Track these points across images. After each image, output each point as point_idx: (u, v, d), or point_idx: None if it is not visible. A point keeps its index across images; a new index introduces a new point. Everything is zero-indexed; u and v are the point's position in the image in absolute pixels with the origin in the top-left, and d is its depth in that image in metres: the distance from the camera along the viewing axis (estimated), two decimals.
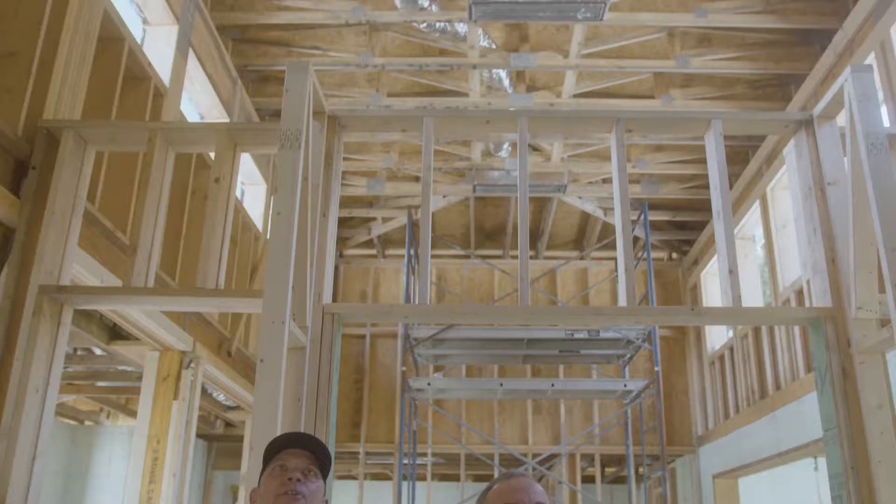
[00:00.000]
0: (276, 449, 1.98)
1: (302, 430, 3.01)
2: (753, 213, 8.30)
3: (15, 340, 3.49)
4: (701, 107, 7.26)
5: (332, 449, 3.09)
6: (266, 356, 2.78)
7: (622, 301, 3.46)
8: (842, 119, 3.77)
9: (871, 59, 5.53)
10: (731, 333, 9.28)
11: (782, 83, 7.24)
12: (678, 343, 10.46)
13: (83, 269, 4.18)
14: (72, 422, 9.71)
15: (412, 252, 8.27)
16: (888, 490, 3.20)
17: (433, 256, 10.71)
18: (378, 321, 5.41)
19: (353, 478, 12.15)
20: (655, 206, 9.36)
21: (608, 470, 11.66)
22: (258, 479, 2.00)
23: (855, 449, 3.32)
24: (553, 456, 9.94)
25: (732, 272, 3.44)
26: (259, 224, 7.68)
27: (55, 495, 9.15)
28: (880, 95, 5.22)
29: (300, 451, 1.97)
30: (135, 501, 5.65)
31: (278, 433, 2.75)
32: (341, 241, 10.20)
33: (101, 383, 7.89)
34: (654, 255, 10.52)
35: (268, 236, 3.57)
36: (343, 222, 9.85)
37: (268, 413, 2.75)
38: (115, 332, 5.89)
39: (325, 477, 2.00)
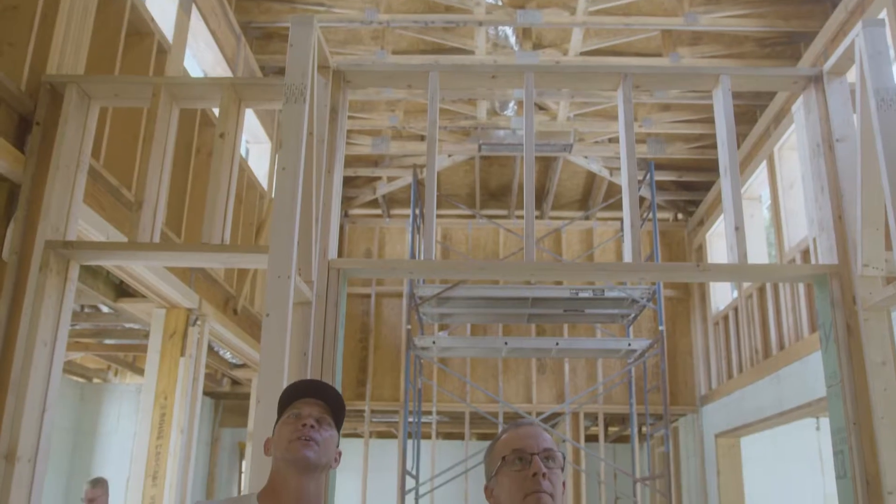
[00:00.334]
0: (291, 398, 2.00)
1: None
2: (760, 174, 8.25)
3: (22, 295, 3.51)
4: (709, 65, 7.19)
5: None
6: (272, 310, 2.79)
7: (627, 259, 3.46)
8: (852, 75, 3.74)
9: (883, 14, 5.45)
10: (735, 294, 9.29)
11: (792, 41, 7.15)
12: (682, 303, 10.48)
13: (88, 226, 4.19)
14: (80, 379, 9.79)
15: (417, 211, 8.26)
16: (890, 445, 3.22)
17: (438, 216, 10.71)
18: (383, 277, 5.41)
19: (359, 436, 12.28)
20: (662, 166, 9.31)
21: (611, 429, 11.77)
22: (273, 429, 2.02)
23: (858, 405, 3.34)
24: (557, 415, 10.02)
25: (738, 229, 3.43)
26: (264, 183, 7.67)
27: (65, 451, 9.27)
28: (892, 52, 5.15)
29: (314, 401, 1.99)
30: (143, 457, 5.73)
31: (284, 387, 2.77)
32: (346, 201, 10.19)
33: (108, 341, 7.95)
34: (659, 215, 10.50)
35: (273, 195, 3.56)
36: (348, 182, 9.83)
37: (274, 367, 2.77)
38: (122, 290, 5.92)
39: (338, 427, 2.02)
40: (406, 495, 7.70)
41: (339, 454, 2.05)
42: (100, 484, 6.46)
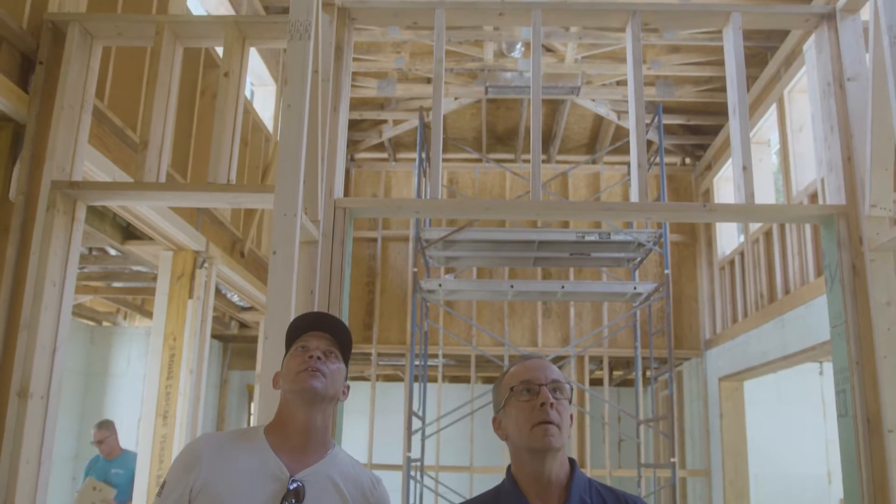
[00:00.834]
0: (299, 331, 2.01)
1: None
2: (770, 117, 8.17)
3: (30, 235, 3.53)
4: (720, 2, 7.05)
5: None
6: (279, 248, 2.80)
7: (634, 199, 3.45)
8: (865, 13, 3.67)
9: None
10: (741, 239, 9.28)
11: None
12: (689, 248, 10.47)
13: (94, 167, 4.19)
14: (90, 322, 9.90)
15: (423, 155, 8.22)
16: (892, 384, 3.25)
17: (445, 160, 10.66)
18: (389, 216, 5.40)
19: (366, 379, 12.43)
20: (670, 109, 9.22)
21: (616, 373, 11.88)
22: (281, 363, 2.04)
23: (861, 344, 3.36)
24: (561, 358, 10.10)
25: (746, 169, 3.41)
26: (270, 126, 7.63)
27: (76, 393, 9.42)
28: None
29: (321, 334, 2.00)
30: (154, 397, 5.81)
31: None
32: (352, 145, 10.14)
33: (116, 284, 8.00)
34: (667, 160, 10.44)
35: (278, 136, 3.55)
36: (354, 125, 9.77)
37: (281, 304, 2.79)
38: (129, 232, 5.95)
39: (346, 360, 2.03)
40: (412, 436, 7.81)
41: (348, 388, 2.06)
42: (106, 425, 6.59)
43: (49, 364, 3.50)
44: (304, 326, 2.02)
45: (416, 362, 8.46)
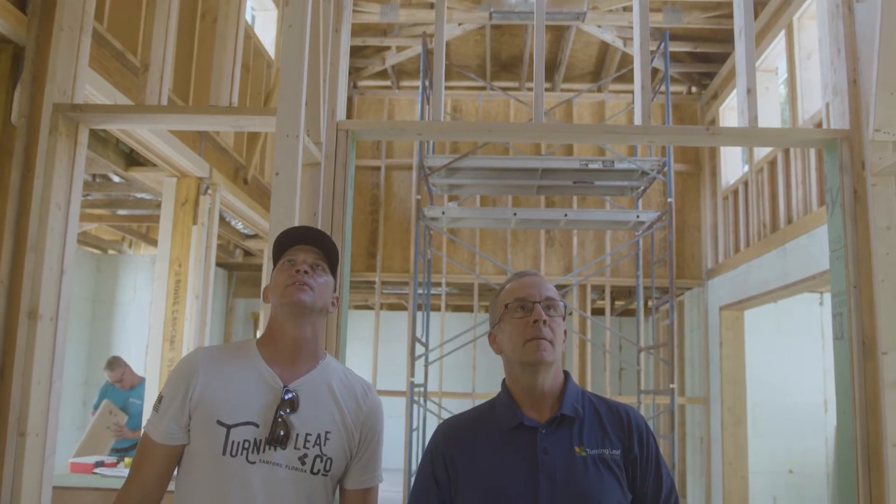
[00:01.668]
0: (285, 246, 2.03)
1: None
2: (778, 44, 8.05)
3: (34, 159, 3.54)
4: None
5: (346, 272, 3.17)
6: (281, 169, 2.81)
7: (638, 123, 3.44)
8: None
9: None
10: (746, 168, 9.24)
11: None
12: (692, 178, 10.44)
13: (95, 91, 4.17)
14: (95, 251, 9.96)
15: (427, 83, 8.14)
16: (888, 307, 3.29)
17: (448, 88, 10.55)
18: (392, 139, 5.36)
19: (370, 308, 12.56)
20: (677, 36, 9.07)
21: (618, 303, 11.97)
22: (271, 277, 2.07)
23: (860, 268, 3.38)
24: (564, 286, 10.18)
25: (751, 92, 3.39)
26: (271, 52, 7.55)
27: (84, 320, 9.54)
28: None
29: (308, 247, 2.02)
30: (160, 323, 5.90)
31: None
32: (355, 72, 10.03)
33: (121, 211, 8.03)
34: (672, 88, 10.32)
35: (280, 60, 3.52)
36: (356, 52, 9.64)
37: (284, 226, 2.81)
38: (132, 159, 5.95)
39: (334, 273, 2.05)
40: (416, 361, 7.93)
41: (337, 299, 2.08)
42: (116, 363, 6.69)
43: (57, 286, 3.54)
44: (291, 241, 2.03)
45: (420, 291, 8.53)
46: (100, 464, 5.10)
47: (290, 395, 1.88)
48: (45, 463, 3.42)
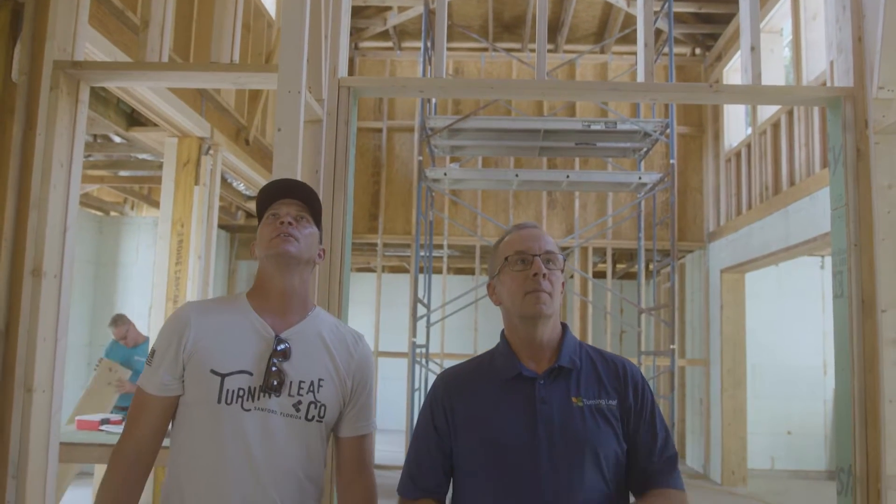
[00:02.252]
0: (268, 200, 2.04)
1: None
2: (783, 5, 7.98)
3: (35, 116, 3.53)
4: None
5: (349, 232, 3.18)
6: (283, 125, 2.81)
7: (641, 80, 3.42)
8: None
9: None
10: (749, 130, 9.21)
11: None
12: (695, 140, 10.40)
13: (95, 49, 4.15)
14: (98, 213, 9.96)
15: (428, 43, 8.08)
16: (888, 265, 3.30)
17: (450, 49, 10.47)
18: (393, 96, 5.31)
19: (371, 270, 12.60)
20: None
21: (619, 266, 11.99)
22: (257, 232, 2.07)
23: (860, 227, 3.39)
24: (565, 248, 10.19)
25: (754, 49, 3.36)
26: (272, 11, 7.48)
27: (87, 282, 9.57)
28: None
29: (290, 200, 2.02)
30: (164, 283, 5.93)
31: None
32: (356, 32, 9.95)
33: (122, 173, 8.03)
34: (676, 50, 10.24)
35: (281, 18, 3.49)
36: (358, 12, 9.56)
37: None
38: (133, 119, 5.93)
39: (318, 224, 2.06)
40: (417, 322, 7.97)
41: (323, 251, 2.10)
42: (120, 320, 6.73)
43: (60, 244, 3.56)
44: (273, 195, 2.04)
45: (422, 253, 8.54)
46: (105, 421, 5.16)
47: (282, 346, 1.91)
48: (52, 418, 3.46)
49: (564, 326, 1.97)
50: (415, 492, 1.94)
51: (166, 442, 1.94)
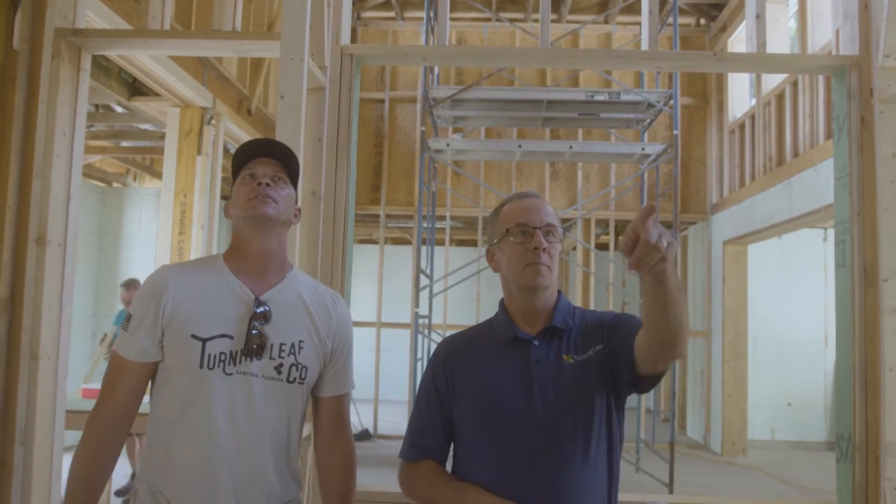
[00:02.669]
0: (244, 160, 1.99)
1: (323, 170, 3.09)
2: None
3: (37, 85, 3.52)
4: None
5: (352, 204, 3.17)
6: (286, 92, 2.80)
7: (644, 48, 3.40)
8: None
9: None
10: (753, 101, 9.16)
11: None
12: (699, 112, 10.36)
13: (96, 17, 4.13)
14: (100, 184, 9.96)
15: (431, 13, 8.02)
16: (891, 235, 3.30)
17: (452, 19, 10.39)
18: (396, 63, 5.28)
19: (374, 242, 12.61)
20: None
21: (622, 238, 12.00)
22: (232, 191, 2.03)
23: (864, 196, 3.39)
24: (568, 220, 10.19)
25: (759, 17, 3.34)
26: None
27: (91, 253, 9.59)
28: None
29: (268, 160, 1.97)
30: (167, 252, 5.95)
31: (301, 172, 2.82)
32: (359, 2, 9.88)
33: (124, 143, 8.02)
34: (681, 20, 10.16)
35: None
36: None
37: None
38: (135, 89, 5.92)
39: (294, 185, 2.03)
40: (420, 292, 7.99)
41: (299, 210, 2.07)
42: (132, 284, 6.77)
43: (64, 212, 3.56)
44: (249, 154, 1.99)
45: (424, 224, 8.54)
46: None
47: (262, 309, 1.89)
48: (59, 385, 3.49)
49: (559, 293, 2.00)
50: (416, 453, 1.99)
51: (144, 409, 1.93)
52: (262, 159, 1.97)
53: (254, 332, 1.86)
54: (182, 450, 1.83)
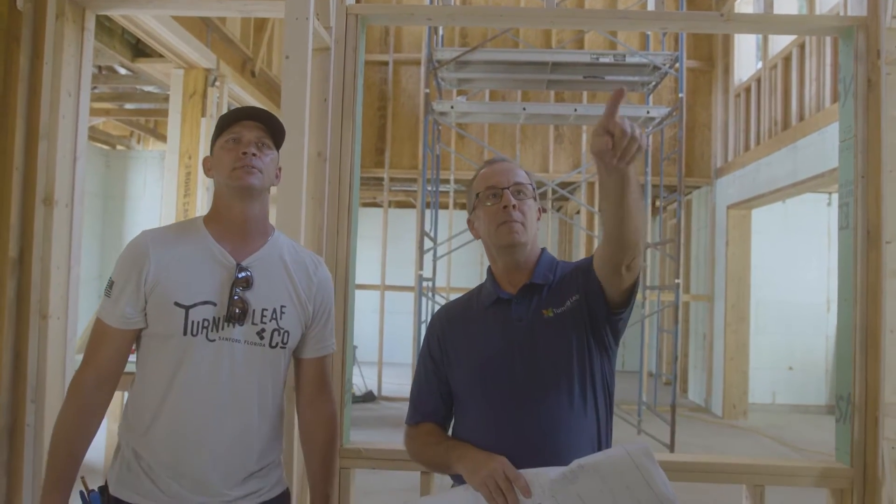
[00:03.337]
0: (228, 122, 1.98)
1: (328, 131, 3.09)
2: None
3: (42, 45, 3.51)
4: None
5: (357, 164, 3.17)
6: (291, 52, 2.80)
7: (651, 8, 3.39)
8: None
9: None
10: (760, 65, 9.10)
11: None
12: (705, 76, 10.29)
13: None
14: (104, 146, 9.96)
15: None
16: (894, 197, 3.30)
17: None
18: (401, 24, 5.23)
19: (378, 205, 12.62)
20: None
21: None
22: (210, 149, 2.04)
23: (868, 158, 3.38)
24: (571, 183, 10.18)
25: None
26: None
27: (96, 216, 9.62)
28: None
29: (253, 124, 1.96)
30: (172, 214, 5.97)
31: (306, 133, 2.83)
32: None
33: (128, 105, 8.01)
34: None
35: None
36: None
37: (295, 112, 2.81)
38: (139, 50, 5.90)
39: (278, 147, 2.03)
40: (424, 255, 8.02)
41: (280, 170, 2.07)
42: None
43: (71, 173, 3.58)
44: (233, 118, 1.98)
45: (428, 188, 8.55)
46: None
47: (243, 274, 1.90)
48: (68, 345, 3.53)
49: (543, 249, 2.06)
50: (416, 417, 2.08)
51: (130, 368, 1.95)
52: (246, 122, 1.96)
53: (235, 297, 1.88)
54: (165, 416, 1.85)
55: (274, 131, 2.01)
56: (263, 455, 1.96)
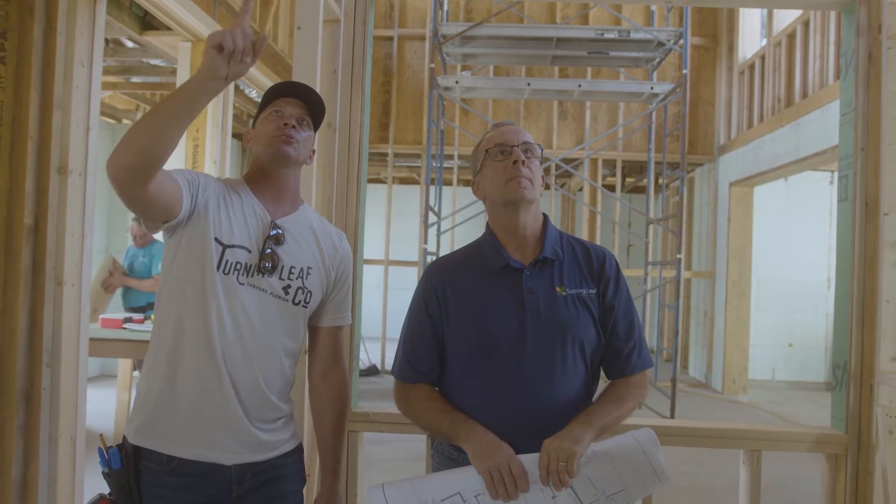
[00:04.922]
0: (274, 95, 2.09)
1: (338, 102, 3.15)
2: None
3: (55, 16, 3.56)
4: None
5: (366, 136, 3.23)
6: (303, 23, 2.86)
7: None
8: None
9: None
10: (764, 42, 9.11)
11: None
12: (709, 53, 10.29)
13: None
14: (110, 120, 10.00)
15: None
16: (893, 170, 3.36)
17: None
18: None
19: (382, 181, 12.66)
20: None
21: (628, 180, 12.04)
22: (253, 123, 2.15)
23: (868, 131, 3.44)
24: (575, 159, 10.22)
25: None
26: None
27: (103, 188, 9.66)
28: None
29: (296, 101, 2.07)
30: None
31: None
32: None
33: (135, 79, 8.04)
34: None
35: None
36: None
37: (306, 81, 2.86)
38: (146, 23, 5.93)
39: (316, 129, 2.14)
40: (428, 229, 8.09)
41: (314, 152, 2.18)
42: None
43: (84, 143, 3.64)
44: (280, 92, 2.09)
45: (433, 164, 8.59)
46: (128, 320, 5.35)
47: (276, 231, 2.00)
48: (82, 311, 3.61)
49: (545, 217, 2.11)
50: (413, 376, 2.09)
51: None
52: (290, 99, 2.07)
53: (268, 251, 1.97)
54: (189, 349, 1.91)
55: (315, 112, 2.11)
56: (280, 404, 2.04)
